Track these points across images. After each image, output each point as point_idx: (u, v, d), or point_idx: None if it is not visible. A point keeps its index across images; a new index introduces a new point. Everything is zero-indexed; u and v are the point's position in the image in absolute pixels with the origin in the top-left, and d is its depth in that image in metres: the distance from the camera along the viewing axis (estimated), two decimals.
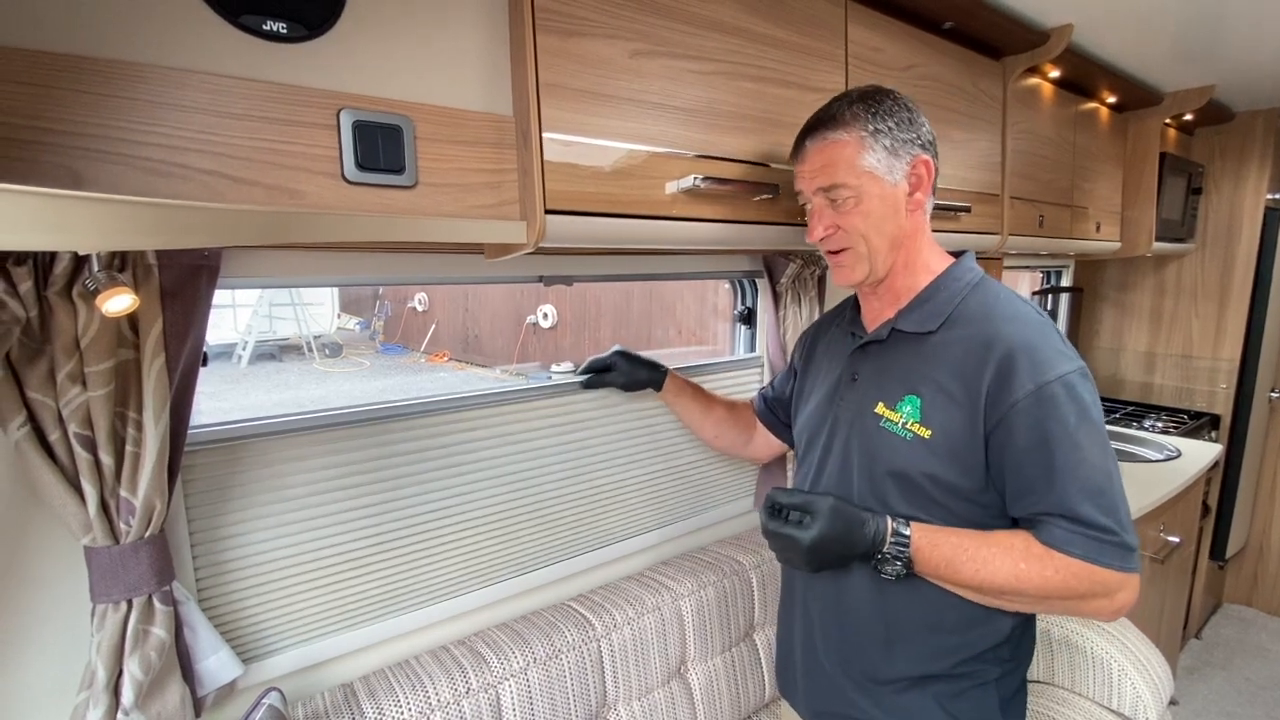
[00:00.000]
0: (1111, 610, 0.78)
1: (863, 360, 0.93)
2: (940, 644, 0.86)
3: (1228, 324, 2.59)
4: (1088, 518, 0.75)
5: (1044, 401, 0.75)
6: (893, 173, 0.85)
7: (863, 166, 0.84)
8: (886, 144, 0.84)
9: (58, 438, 0.76)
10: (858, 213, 0.85)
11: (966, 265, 0.91)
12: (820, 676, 0.95)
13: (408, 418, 1.14)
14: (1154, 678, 1.35)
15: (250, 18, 0.68)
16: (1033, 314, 0.84)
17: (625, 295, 8.21)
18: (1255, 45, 1.77)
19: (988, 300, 0.85)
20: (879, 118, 0.84)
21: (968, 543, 0.80)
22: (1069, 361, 0.78)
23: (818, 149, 0.87)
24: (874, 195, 0.85)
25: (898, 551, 0.80)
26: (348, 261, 1.04)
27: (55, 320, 0.73)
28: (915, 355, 0.86)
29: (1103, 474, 0.76)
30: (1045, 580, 0.76)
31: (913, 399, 0.84)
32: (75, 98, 0.61)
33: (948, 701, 0.86)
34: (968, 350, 0.81)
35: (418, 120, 0.80)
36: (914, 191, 0.87)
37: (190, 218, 0.51)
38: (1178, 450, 2.18)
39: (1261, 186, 2.48)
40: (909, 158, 0.86)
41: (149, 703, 0.83)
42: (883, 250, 0.87)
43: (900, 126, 0.85)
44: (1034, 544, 0.78)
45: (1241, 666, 2.52)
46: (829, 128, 0.86)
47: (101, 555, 0.79)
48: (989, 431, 0.78)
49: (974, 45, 1.56)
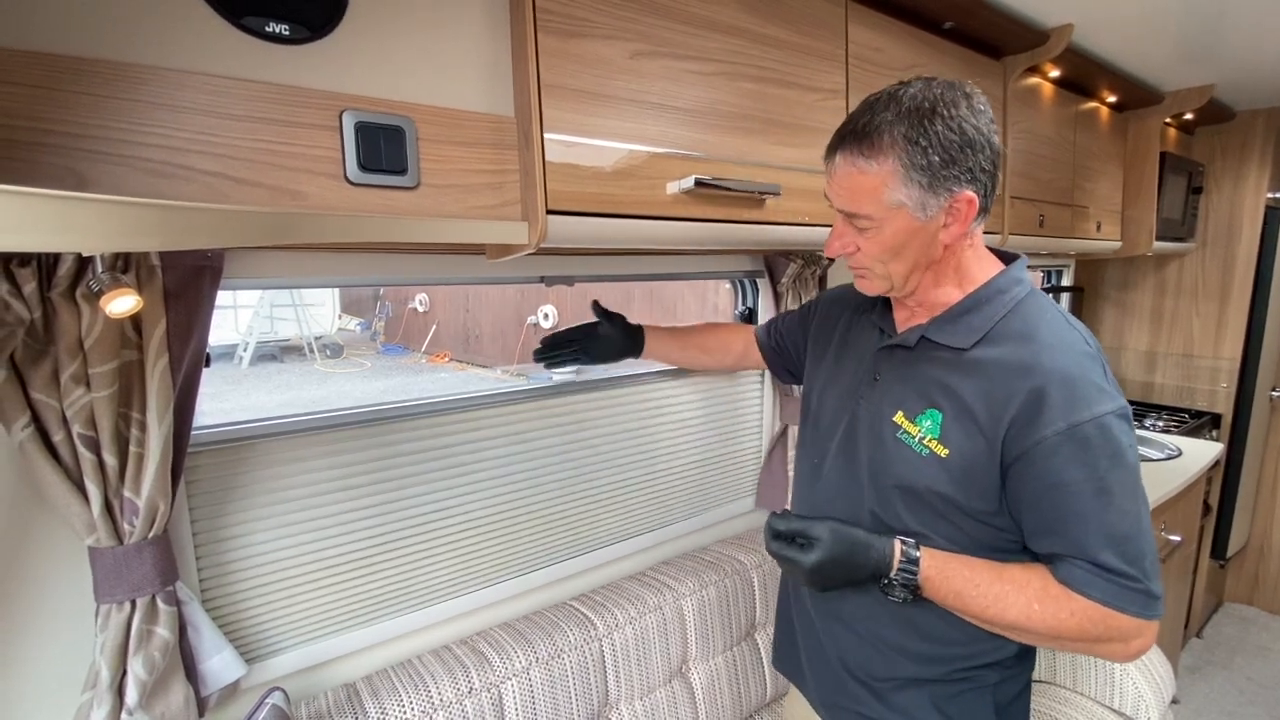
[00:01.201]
0: (1125, 655, 0.76)
1: (887, 361, 0.87)
2: (942, 653, 0.84)
3: (1228, 323, 2.59)
4: (1109, 564, 0.71)
5: (1074, 442, 0.71)
6: (925, 209, 0.75)
7: (890, 202, 0.75)
8: (923, 181, 0.73)
9: (61, 438, 0.76)
10: (877, 241, 0.78)
11: (1014, 276, 0.82)
12: (826, 669, 0.95)
13: (410, 418, 1.14)
14: (1155, 677, 1.35)
15: (253, 19, 0.68)
16: (1079, 342, 0.76)
17: (626, 295, 8.21)
18: (1255, 44, 1.77)
19: (1031, 320, 0.78)
20: (921, 150, 0.72)
21: (980, 577, 0.76)
22: (1108, 400, 0.72)
23: (846, 172, 0.77)
24: (900, 229, 0.76)
25: (905, 579, 0.78)
26: (350, 262, 1.04)
27: (59, 321, 0.73)
28: (944, 368, 0.80)
29: (1131, 519, 0.72)
30: (1060, 623, 0.73)
31: (934, 414, 0.79)
32: (77, 99, 0.61)
33: (944, 703, 0.85)
34: (1000, 374, 0.75)
35: (419, 121, 0.80)
36: (949, 225, 0.77)
37: (194, 219, 0.51)
38: (1178, 449, 2.18)
39: (1262, 185, 2.48)
40: (948, 195, 0.74)
41: (153, 703, 0.83)
42: (903, 274, 0.80)
43: (944, 161, 0.72)
44: (1051, 583, 0.74)
45: (1243, 665, 2.51)
46: (864, 151, 0.74)
47: (105, 556, 0.80)
48: (1008, 464, 0.74)
49: (974, 45, 1.56)
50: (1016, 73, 1.67)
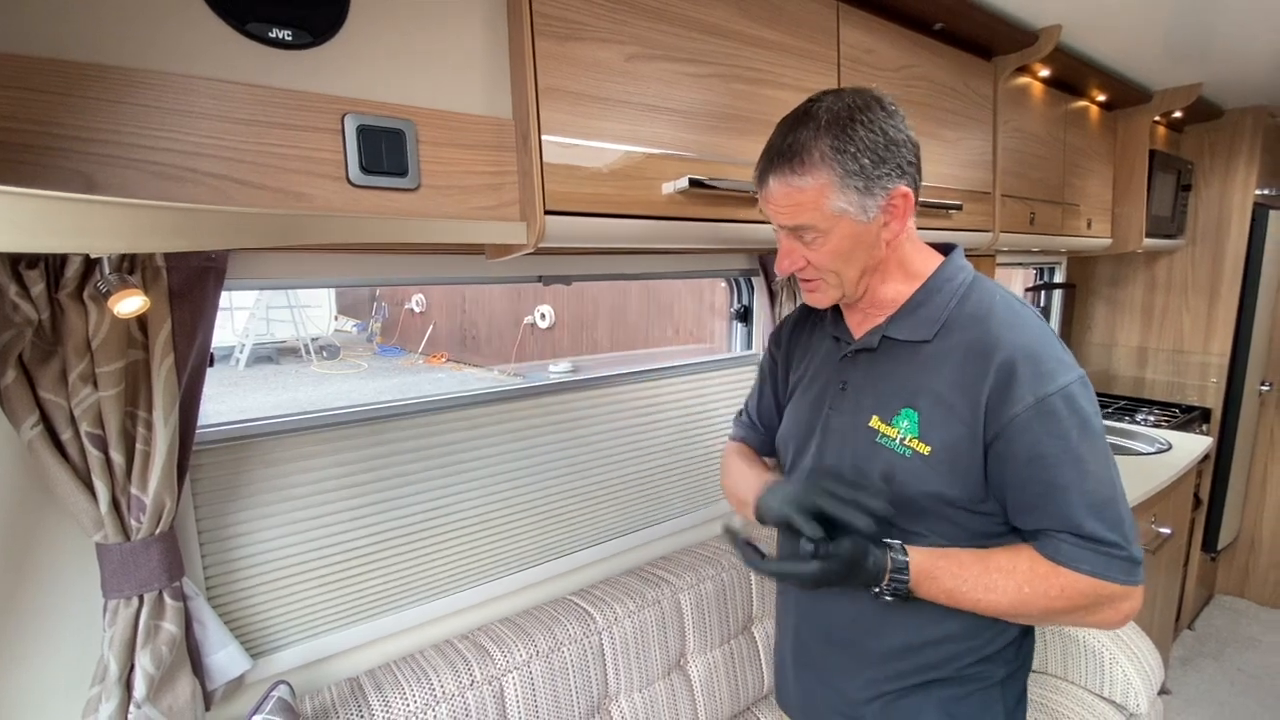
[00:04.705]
0: (1116, 620, 0.77)
1: (852, 368, 0.88)
2: (944, 651, 0.84)
3: (1218, 319, 2.62)
4: (1094, 533, 0.73)
5: (1044, 416, 0.73)
6: (866, 211, 0.77)
7: (832, 209, 0.77)
8: (858, 185, 0.76)
9: (69, 437, 0.78)
10: (826, 251, 0.80)
11: (957, 264, 0.85)
12: (815, 688, 0.93)
13: (410, 416, 1.16)
14: (1145, 666, 1.38)
15: (257, 25, 0.70)
16: (1032, 318, 0.79)
17: (623, 294, 8.22)
18: (1242, 43, 1.79)
19: (984, 302, 0.80)
20: (850, 157, 0.75)
21: (968, 571, 0.77)
22: (1070, 371, 0.75)
23: (784, 192, 0.78)
24: (845, 235, 0.79)
25: (896, 587, 0.78)
26: (350, 263, 1.05)
27: (67, 322, 0.75)
28: (910, 365, 0.82)
29: (1107, 485, 0.74)
30: (1050, 601, 0.75)
31: (910, 413, 0.80)
32: (87, 104, 0.62)
33: (952, 705, 0.85)
34: (966, 358, 0.77)
35: (420, 124, 0.82)
36: (890, 222, 0.80)
37: (204, 221, 0.53)
38: (1169, 443, 2.21)
39: (1250, 182, 2.51)
40: (884, 193, 0.77)
41: (160, 696, 0.84)
42: (854, 279, 0.82)
43: (874, 161, 0.75)
44: (1039, 563, 0.76)
45: (1233, 657, 2.55)
46: (795, 170, 0.76)
47: (113, 551, 0.81)
48: (988, 443, 0.76)
49: (965, 46, 1.58)
50: (1007, 72, 1.69)
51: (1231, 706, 2.27)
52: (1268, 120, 2.51)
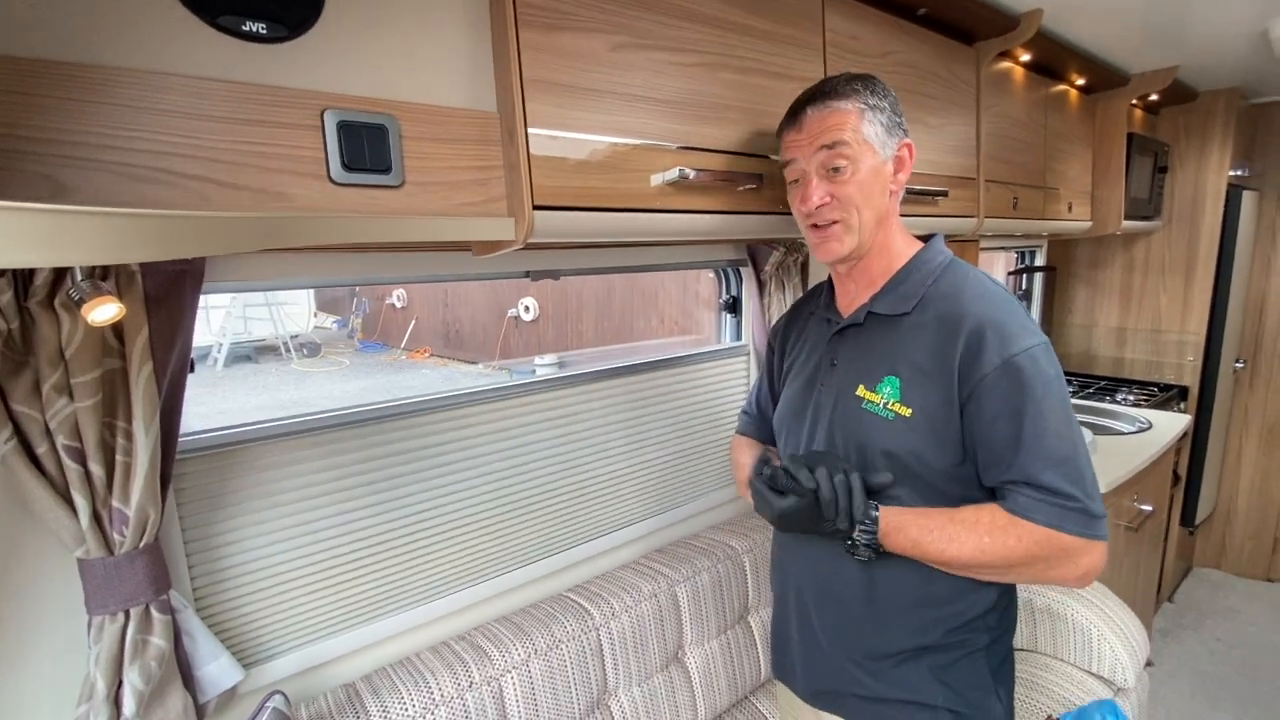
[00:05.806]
0: (1076, 576, 0.81)
1: (840, 345, 0.96)
2: (930, 615, 0.89)
3: (1194, 298, 2.67)
4: (1051, 485, 0.77)
5: (1010, 374, 0.79)
6: (885, 149, 0.89)
7: (864, 135, 0.87)
8: (883, 120, 0.88)
9: (45, 450, 0.75)
10: (853, 182, 0.88)
11: (937, 248, 0.94)
12: (819, 657, 0.97)
13: (398, 418, 1.14)
14: (1131, 641, 1.41)
15: (229, 18, 0.67)
16: (1000, 292, 0.87)
17: (607, 286, 8.19)
18: (1216, 27, 1.81)
19: (958, 281, 0.88)
20: (876, 95, 0.88)
21: (933, 523, 0.82)
22: (1033, 336, 0.81)
23: (820, 116, 0.89)
24: (869, 166, 0.88)
25: (868, 539, 0.84)
26: (333, 262, 1.03)
27: (38, 331, 0.72)
28: (892, 337, 0.89)
29: (1067, 443, 0.78)
30: (1009, 550, 0.79)
31: (892, 380, 0.86)
32: (54, 104, 0.59)
33: (942, 672, 0.89)
34: (940, 328, 0.84)
35: (403, 119, 0.79)
36: (898, 172, 0.91)
37: (184, 228, 0.50)
38: (1149, 422, 2.25)
39: (1224, 164, 2.55)
40: (897, 139, 0.90)
41: (151, 712, 0.82)
42: (870, 224, 0.90)
43: (893, 108, 0.90)
44: (999, 515, 0.80)
45: (1213, 627, 2.62)
46: (832, 97, 0.88)
47: (95, 567, 0.79)
48: (963, 404, 0.81)
49: (948, 31, 1.58)
50: (989, 57, 1.70)
51: (1212, 675, 2.34)
52: (1240, 102, 2.55)
